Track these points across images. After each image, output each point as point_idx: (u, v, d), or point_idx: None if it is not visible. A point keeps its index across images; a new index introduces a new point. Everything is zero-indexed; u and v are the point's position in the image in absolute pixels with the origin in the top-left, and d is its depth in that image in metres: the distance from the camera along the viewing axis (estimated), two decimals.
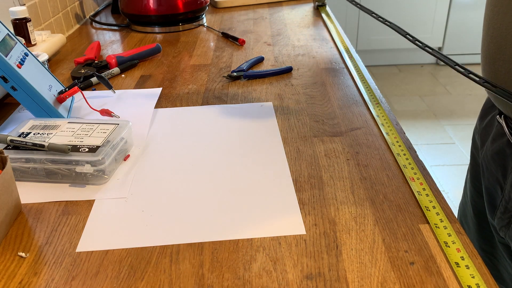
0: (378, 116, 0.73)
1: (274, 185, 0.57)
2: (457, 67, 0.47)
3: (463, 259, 0.45)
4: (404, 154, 0.62)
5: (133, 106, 0.79)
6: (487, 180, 0.66)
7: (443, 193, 1.98)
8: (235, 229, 0.50)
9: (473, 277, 0.43)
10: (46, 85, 0.73)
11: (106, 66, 0.96)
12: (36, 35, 1.00)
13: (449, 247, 0.47)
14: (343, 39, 1.08)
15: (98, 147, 0.59)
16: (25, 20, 0.94)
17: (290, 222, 0.51)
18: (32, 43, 0.97)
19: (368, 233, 0.49)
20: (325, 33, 1.15)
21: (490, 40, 0.56)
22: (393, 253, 0.47)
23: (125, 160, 0.64)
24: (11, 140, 0.59)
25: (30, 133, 0.63)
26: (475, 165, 0.73)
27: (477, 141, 0.71)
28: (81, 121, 0.65)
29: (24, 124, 0.65)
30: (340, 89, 0.83)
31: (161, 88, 0.86)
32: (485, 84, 0.45)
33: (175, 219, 0.52)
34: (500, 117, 0.60)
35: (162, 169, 0.61)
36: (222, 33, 1.16)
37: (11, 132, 0.63)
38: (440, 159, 2.21)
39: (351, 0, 0.64)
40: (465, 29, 3.00)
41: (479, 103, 2.68)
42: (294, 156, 0.63)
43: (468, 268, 0.44)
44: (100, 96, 0.84)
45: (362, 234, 0.49)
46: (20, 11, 0.94)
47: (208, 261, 0.46)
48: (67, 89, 0.76)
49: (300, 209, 0.53)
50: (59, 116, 0.72)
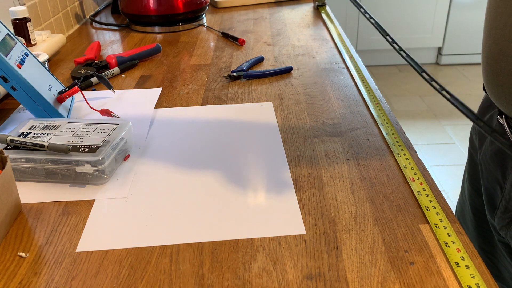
0: (378, 116, 0.73)
1: (274, 185, 0.57)
2: (424, 74, 0.48)
3: (463, 259, 0.45)
4: (404, 154, 0.62)
5: (133, 106, 0.79)
6: (486, 180, 0.66)
7: (443, 193, 1.98)
8: (235, 229, 0.50)
9: (473, 277, 0.43)
10: (46, 85, 0.73)
11: (106, 66, 0.96)
12: (36, 35, 1.00)
13: (449, 247, 0.47)
14: (343, 39, 1.08)
15: (98, 147, 0.59)
16: (25, 20, 0.94)
17: (290, 222, 0.51)
18: (32, 43, 0.97)
19: (368, 233, 0.49)
20: (325, 33, 1.15)
21: (492, 41, 0.55)
22: (393, 253, 0.47)
23: (125, 160, 0.64)
24: (11, 140, 0.59)
25: (30, 133, 0.63)
26: (473, 165, 0.73)
27: (475, 141, 0.71)
28: (81, 121, 0.65)
29: (24, 124, 0.65)
30: (340, 89, 0.83)
31: (161, 88, 0.86)
32: (443, 92, 0.46)
33: (175, 219, 0.52)
34: (501, 117, 0.60)
35: (162, 169, 0.61)
36: (222, 33, 1.16)
37: (11, 132, 0.63)
38: (440, 159, 2.21)
39: None
40: (465, 29, 3.00)
41: (479, 103, 2.68)
42: (294, 156, 0.63)
43: (468, 268, 0.44)
44: (100, 96, 0.84)
45: (362, 234, 0.49)
46: (20, 11, 0.94)
47: (208, 261, 0.46)
48: (67, 89, 0.76)
49: (300, 209, 0.53)
50: (59, 116, 0.72)
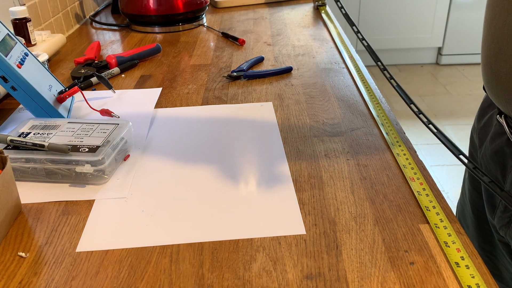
0: (378, 116, 0.73)
1: (274, 185, 0.57)
2: (412, 106, 0.50)
3: (463, 259, 0.45)
4: (404, 154, 0.62)
5: (133, 106, 0.79)
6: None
7: (443, 193, 1.98)
8: (235, 229, 0.50)
9: (473, 277, 0.43)
10: (46, 85, 0.73)
11: (106, 66, 0.96)
12: (36, 35, 1.00)
13: (449, 247, 0.47)
14: (343, 39, 1.08)
15: (98, 147, 0.59)
16: (25, 20, 0.94)
17: (290, 222, 0.51)
18: (32, 43, 0.97)
19: (368, 233, 0.49)
20: (325, 33, 1.15)
21: (491, 40, 0.56)
22: (393, 253, 0.47)
23: (125, 160, 0.64)
24: (11, 140, 0.59)
25: (30, 133, 0.63)
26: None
27: (475, 141, 0.71)
28: (81, 121, 0.65)
29: (24, 124, 0.65)
30: (340, 89, 0.83)
31: (161, 88, 0.86)
32: (430, 126, 0.48)
33: (175, 219, 0.52)
34: (501, 117, 0.60)
35: (162, 169, 0.61)
36: (222, 33, 1.16)
37: (11, 132, 0.63)
38: (440, 159, 2.21)
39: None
40: (465, 29, 3.00)
41: (479, 103, 2.67)
42: (294, 156, 0.63)
43: (468, 268, 0.44)
44: (100, 96, 0.84)
45: (362, 234, 0.49)
46: (20, 11, 0.94)
47: (208, 261, 0.46)
48: (67, 89, 0.76)
49: (300, 209, 0.53)
50: (59, 116, 0.72)
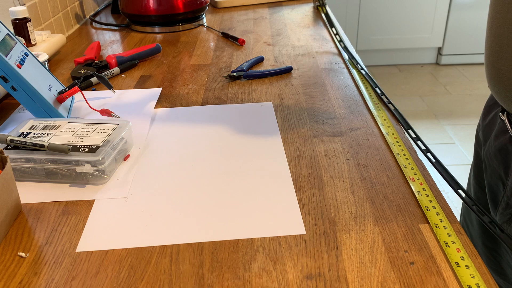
0: (378, 116, 0.73)
1: (274, 185, 0.57)
2: (410, 131, 0.49)
3: (463, 259, 0.45)
4: (404, 154, 0.62)
5: (133, 106, 0.79)
6: (490, 177, 0.66)
7: (443, 193, 1.98)
8: (235, 229, 0.50)
9: (473, 277, 0.43)
10: (46, 85, 0.73)
11: (106, 66, 0.96)
12: (36, 35, 1.00)
13: (449, 247, 0.47)
14: (343, 39, 1.08)
15: (98, 147, 0.59)
16: (25, 20, 0.94)
17: (290, 222, 0.51)
18: (32, 43, 0.97)
19: (368, 233, 0.49)
20: (325, 33, 1.15)
21: (493, 38, 0.56)
22: (393, 253, 0.47)
23: (125, 160, 0.64)
24: (11, 140, 0.59)
25: (30, 133, 0.63)
26: (478, 161, 0.73)
27: (480, 138, 0.72)
28: (81, 121, 0.65)
29: (24, 124, 0.65)
30: (340, 89, 0.83)
31: (161, 88, 0.86)
32: (428, 154, 0.48)
33: (175, 219, 0.52)
34: (503, 115, 0.60)
35: (162, 169, 0.61)
36: (222, 33, 1.16)
37: (11, 132, 0.63)
38: (440, 159, 2.20)
39: None
40: (465, 29, 3.00)
41: (479, 103, 2.68)
42: (294, 156, 0.63)
43: (468, 268, 0.44)
44: (100, 96, 0.84)
45: (362, 234, 0.49)
46: (20, 11, 0.94)
47: (208, 261, 0.46)
48: (67, 89, 0.76)
49: (300, 209, 0.53)
50: (59, 116, 0.72)
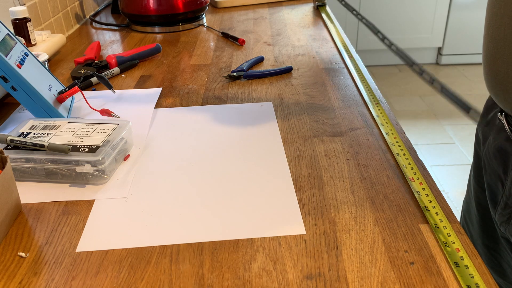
0: (378, 116, 0.73)
1: (274, 185, 0.57)
2: (414, 67, 0.48)
3: (463, 259, 0.45)
4: (404, 154, 0.62)
5: (133, 106, 0.79)
6: (489, 176, 0.67)
7: (443, 193, 1.98)
8: (235, 229, 0.50)
9: (473, 277, 0.43)
10: (46, 85, 0.73)
11: (106, 66, 0.96)
12: (36, 35, 1.00)
13: (449, 247, 0.47)
14: (343, 39, 1.08)
15: (98, 147, 0.59)
16: (25, 20, 0.94)
17: (290, 222, 0.51)
18: (32, 43, 0.97)
19: (368, 233, 0.49)
20: (325, 33, 1.15)
21: (490, 40, 0.56)
22: (393, 253, 0.47)
23: (125, 160, 0.64)
24: (11, 140, 0.59)
25: (30, 133, 0.63)
26: (478, 161, 0.73)
27: (480, 138, 0.72)
28: (81, 121, 0.66)
29: (24, 124, 0.65)
30: (340, 89, 0.83)
31: (161, 88, 0.86)
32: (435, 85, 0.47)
33: (175, 219, 0.52)
34: (501, 115, 0.61)
35: (162, 169, 0.61)
36: (222, 33, 1.16)
37: (11, 132, 0.63)
38: (440, 159, 2.21)
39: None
40: (465, 29, 3.00)
41: (479, 103, 2.67)
42: (294, 156, 0.63)
43: (468, 268, 0.44)
44: (100, 96, 0.84)
45: (362, 234, 0.49)
46: (20, 11, 0.94)
47: (208, 261, 0.46)
48: (67, 89, 0.76)
49: (300, 209, 0.53)
50: (59, 116, 0.72)
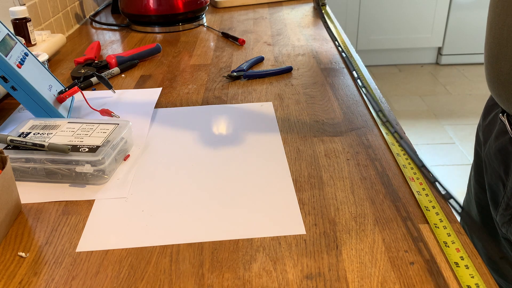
0: (378, 116, 0.73)
1: (274, 185, 0.57)
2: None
3: (463, 259, 0.45)
4: (404, 154, 0.62)
5: (133, 106, 0.79)
6: (490, 177, 0.67)
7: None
8: (235, 229, 0.50)
9: (473, 277, 0.43)
10: (46, 85, 0.73)
11: (106, 66, 0.96)
12: (36, 35, 1.00)
13: (449, 247, 0.47)
14: (343, 39, 1.08)
15: (98, 147, 0.59)
16: (25, 20, 0.94)
17: (290, 222, 0.51)
18: (32, 43, 0.97)
19: (368, 233, 0.49)
20: (325, 33, 1.15)
21: (492, 41, 0.56)
22: (393, 253, 0.47)
23: (125, 160, 0.64)
24: (11, 140, 0.59)
25: (30, 133, 0.63)
26: (479, 162, 0.73)
27: (480, 138, 0.72)
28: (81, 121, 0.66)
29: (24, 124, 0.65)
30: (340, 89, 0.83)
31: (161, 88, 0.86)
32: None
33: (175, 219, 0.52)
34: (503, 115, 0.61)
35: (162, 169, 0.61)
36: (222, 33, 1.16)
37: (11, 132, 0.63)
38: (440, 159, 2.21)
39: None
40: (465, 29, 3.00)
41: (479, 103, 2.68)
42: (294, 156, 0.63)
43: (468, 268, 0.44)
44: (100, 96, 0.84)
45: (362, 234, 0.49)
46: (20, 11, 0.94)
47: (208, 261, 0.46)
48: (67, 89, 0.76)
49: (300, 209, 0.53)
50: (59, 116, 0.72)
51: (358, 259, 0.46)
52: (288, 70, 0.92)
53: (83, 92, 0.79)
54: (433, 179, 0.52)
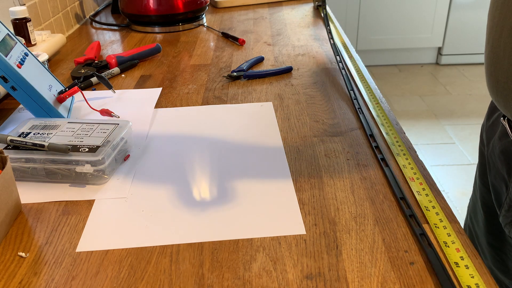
0: (378, 116, 0.73)
1: (274, 185, 0.57)
2: None
3: (463, 259, 0.45)
4: (404, 154, 0.62)
5: (133, 106, 0.79)
6: (493, 177, 0.67)
7: (443, 193, 1.98)
8: (235, 229, 0.50)
9: (473, 277, 0.43)
10: (46, 85, 0.73)
11: (106, 66, 0.96)
12: (36, 35, 1.00)
13: (449, 247, 0.47)
14: (343, 39, 1.08)
15: (98, 147, 0.59)
16: (25, 20, 0.94)
17: (290, 222, 0.51)
18: (32, 43, 0.97)
19: (368, 233, 0.49)
20: (325, 33, 1.15)
21: (491, 50, 0.57)
22: (393, 253, 0.47)
23: (125, 160, 0.64)
24: (11, 140, 0.59)
25: (30, 133, 0.63)
26: (483, 162, 0.73)
27: (484, 138, 0.72)
28: (81, 121, 0.66)
29: (24, 124, 0.65)
30: (340, 89, 0.83)
31: (161, 88, 0.86)
32: None
33: (175, 219, 0.52)
34: (504, 119, 0.61)
35: (162, 169, 0.61)
36: (222, 33, 1.16)
37: (11, 132, 0.63)
38: (440, 159, 2.21)
39: None
40: (465, 29, 3.00)
41: (479, 103, 2.68)
42: (294, 156, 0.63)
43: (468, 268, 0.44)
44: (100, 96, 0.84)
45: (362, 234, 0.49)
46: (20, 11, 0.94)
47: (208, 261, 0.46)
48: (67, 89, 0.76)
49: (300, 209, 0.53)
50: (59, 116, 0.72)
51: (358, 259, 0.46)
52: (288, 70, 0.92)
53: (83, 92, 0.79)
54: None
